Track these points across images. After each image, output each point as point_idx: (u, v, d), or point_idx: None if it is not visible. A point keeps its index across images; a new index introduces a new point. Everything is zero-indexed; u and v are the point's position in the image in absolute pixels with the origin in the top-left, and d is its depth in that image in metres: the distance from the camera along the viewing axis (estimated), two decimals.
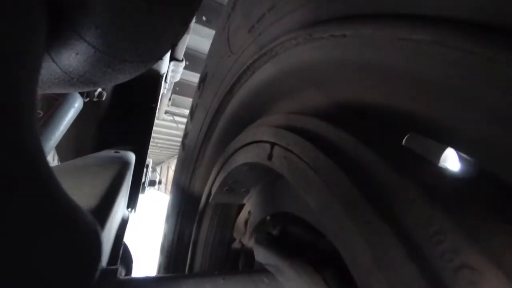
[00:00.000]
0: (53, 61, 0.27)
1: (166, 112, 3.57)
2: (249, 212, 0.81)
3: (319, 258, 0.59)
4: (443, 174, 0.32)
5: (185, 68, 2.36)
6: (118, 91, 1.29)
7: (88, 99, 1.09)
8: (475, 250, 0.19)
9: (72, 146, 1.33)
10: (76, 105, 0.98)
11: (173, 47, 0.31)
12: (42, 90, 0.28)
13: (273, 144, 0.47)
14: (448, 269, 0.20)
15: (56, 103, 0.88)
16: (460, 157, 0.47)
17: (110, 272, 0.39)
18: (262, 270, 0.55)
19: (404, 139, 0.67)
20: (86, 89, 0.32)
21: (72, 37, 0.24)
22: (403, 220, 0.23)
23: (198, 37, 2.20)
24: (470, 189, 0.28)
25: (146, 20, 0.25)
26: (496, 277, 0.18)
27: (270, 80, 0.56)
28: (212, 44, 0.84)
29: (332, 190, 0.28)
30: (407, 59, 0.27)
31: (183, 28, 0.31)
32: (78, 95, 0.97)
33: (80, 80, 0.28)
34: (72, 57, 0.25)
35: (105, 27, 0.23)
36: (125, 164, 0.97)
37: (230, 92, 0.73)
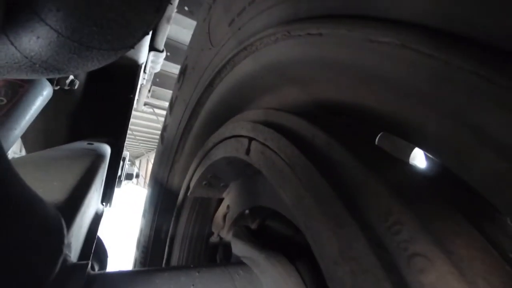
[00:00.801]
0: (12, 43, 0.25)
1: (145, 104, 3.46)
2: (228, 206, 0.81)
3: (295, 251, 0.61)
4: (408, 170, 0.34)
5: (166, 59, 2.28)
6: (93, 79, 1.22)
7: (58, 87, 1.03)
8: (428, 239, 0.21)
9: (41, 137, 1.25)
10: (44, 93, 0.92)
11: (145, 35, 0.30)
12: (1, 75, 0.26)
13: (251, 139, 0.48)
14: (403, 257, 0.21)
15: (21, 90, 0.82)
16: (426, 156, 0.50)
17: (79, 267, 0.38)
18: (238, 263, 0.56)
19: (377, 138, 0.70)
20: (51, 76, 0.30)
21: (32, 19, 0.22)
22: (366, 213, 0.24)
23: (180, 28, 2.13)
24: (431, 185, 0.30)
25: (113, 6, 0.24)
26: (445, 265, 0.20)
27: (250, 75, 0.56)
28: (192, 36, 0.83)
29: (305, 185, 0.29)
30: (377, 60, 0.29)
31: (155, 16, 0.30)
32: (47, 83, 0.91)
33: (43, 66, 0.26)
34: (33, 41, 0.23)
35: (67, 10, 0.22)
36: (99, 156, 0.93)
37: (210, 86, 0.73)
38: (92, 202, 0.79)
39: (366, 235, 0.23)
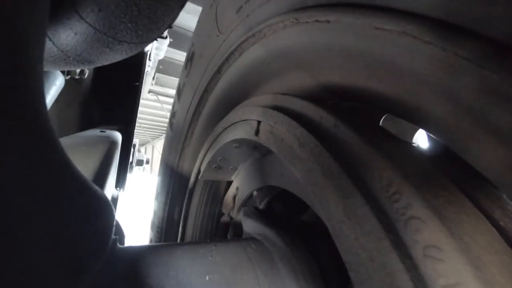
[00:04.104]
0: (50, 39, 0.28)
1: (149, 92, 3.47)
2: (237, 188, 0.85)
3: (299, 227, 0.66)
4: (409, 149, 0.37)
5: (169, 45, 2.27)
6: (101, 68, 1.24)
7: (69, 76, 1.05)
8: (423, 205, 0.24)
9: (55, 126, 1.30)
10: (57, 83, 0.95)
11: (168, 28, 0.32)
12: None
13: (260, 122, 0.51)
14: (401, 221, 0.25)
15: None
16: (428, 137, 0.53)
17: (112, 242, 0.42)
18: (250, 238, 0.61)
19: (381, 120, 0.73)
20: (80, 67, 0.33)
21: (73, 18, 0.24)
22: (370, 185, 0.28)
23: (183, 13, 2.11)
24: (430, 161, 0.33)
25: (148, 4, 0.26)
26: (436, 225, 0.23)
27: (258, 61, 0.58)
28: (199, 22, 0.83)
29: (313, 160, 0.33)
30: (381, 46, 0.31)
31: (180, 10, 0.32)
32: (59, 73, 0.94)
33: (76, 59, 0.29)
34: (71, 37, 0.26)
35: (108, 10, 0.24)
36: (112, 143, 0.98)
37: (218, 72, 0.75)
38: (109, 186, 0.83)
39: (369, 203, 0.26)
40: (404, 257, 0.23)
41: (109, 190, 0.87)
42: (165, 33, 1.64)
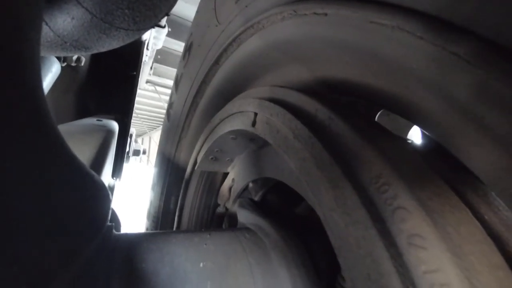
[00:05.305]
0: (46, 24, 0.28)
1: (147, 82, 3.44)
2: (233, 180, 0.86)
3: (292, 218, 0.68)
4: (401, 143, 0.38)
5: (167, 35, 2.24)
6: (98, 57, 1.23)
7: (65, 63, 1.04)
8: (409, 196, 0.25)
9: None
10: (53, 70, 0.94)
11: (166, 16, 0.32)
12: None
13: (256, 114, 0.51)
14: (388, 210, 0.26)
15: None
16: (422, 133, 0.54)
17: (108, 228, 0.43)
18: (244, 228, 0.62)
19: (377, 116, 0.73)
20: (77, 54, 0.33)
21: (70, 2, 0.24)
22: (360, 175, 0.29)
23: (182, 2, 2.07)
24: (420, 156, 0.34)
25: None
26: (420, 215, 0.24)
27: (256, 52, 0.58)
28: (197, 12, 0.82)
29: (307, 152, 0.33)
30: (377, 40, 0.31)
31: None
32: (55, 59, 0.93)
33: (73, 45, 0.29)
34: (67, 22, 0.26)
35: None
36: (109, 132, 0.98)
37: (216, 63, 0.74)
38: (105, 175, 0.84)
39: (358, 193, 0.27)
40: (389, 245, 0.24)
41: (106, 178, 0.88)
42: (164, 22, 1.61)
